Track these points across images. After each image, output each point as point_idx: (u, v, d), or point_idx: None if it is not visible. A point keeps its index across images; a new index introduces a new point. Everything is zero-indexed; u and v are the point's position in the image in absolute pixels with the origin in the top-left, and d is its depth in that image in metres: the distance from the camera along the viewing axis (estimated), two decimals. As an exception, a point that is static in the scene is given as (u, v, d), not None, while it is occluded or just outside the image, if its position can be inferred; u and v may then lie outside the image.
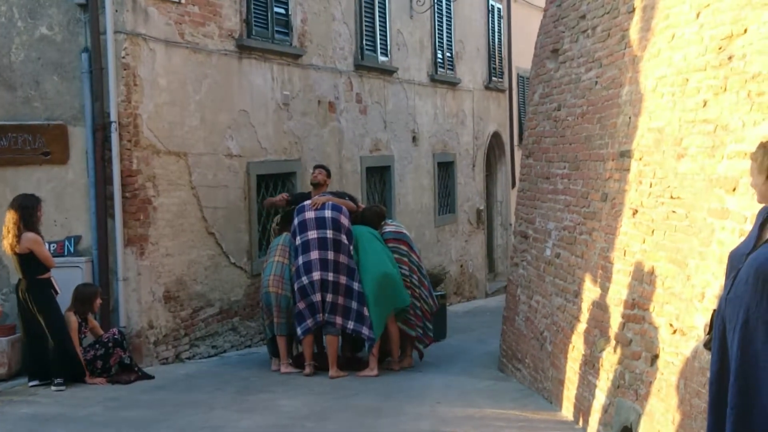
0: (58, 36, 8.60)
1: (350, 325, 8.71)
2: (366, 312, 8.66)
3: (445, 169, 16.42)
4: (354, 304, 8.67)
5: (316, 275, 8.57)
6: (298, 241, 8.71)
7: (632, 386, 5.48)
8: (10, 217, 7.66)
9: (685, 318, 4.81)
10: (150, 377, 8.23)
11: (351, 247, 8.74)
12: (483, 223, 18.27)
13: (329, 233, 8.65)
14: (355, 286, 8.67)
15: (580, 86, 7.48)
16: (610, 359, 5.94)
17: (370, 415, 7.09)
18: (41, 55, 8.62)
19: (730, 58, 4.67)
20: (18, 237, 7.61)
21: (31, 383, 7.87)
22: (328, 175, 9.57)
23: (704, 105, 4.91)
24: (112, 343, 8.11)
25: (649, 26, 6.00)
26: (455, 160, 16.75)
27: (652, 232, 5.47)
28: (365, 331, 8.68)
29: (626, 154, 6.15)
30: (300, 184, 11.08)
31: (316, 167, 9.69)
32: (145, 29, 8.72)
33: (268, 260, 9.03)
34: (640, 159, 5.86)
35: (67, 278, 8.17)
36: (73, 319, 7.99)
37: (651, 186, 5.60)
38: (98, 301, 8.21)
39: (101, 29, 8.42)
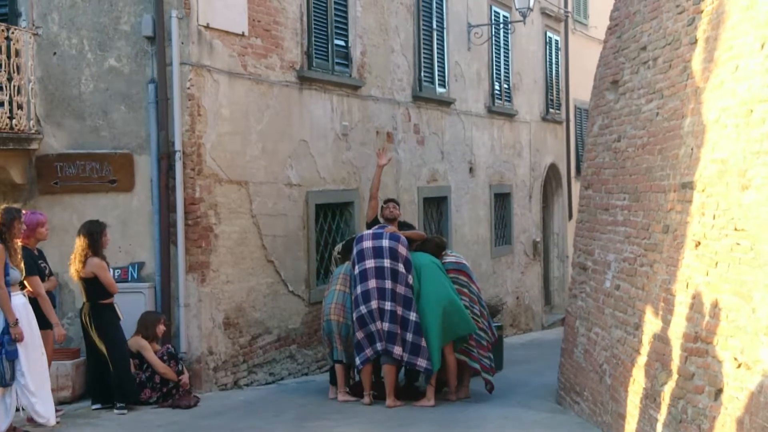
0: (125, 67, 8.85)
1: (404, 357, 8.69)
2: (423, 343, 8.63)
3: (502, 201, 16.39)
4: (409, 336, 8.64)
5: (374, 304, 8.60)
6: (356, 270, 8.76)
7: (695, 421, 5.40)
8: (79, 243, 7.84)
9: (750, 352, 4.74)
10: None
11: (409, 277, 8.74)
12: (539, 255, 18.16)
13: (387, 262, 8.68)
14: (412, 316, 8.65)
15: (641, 117, 7.44)
16: (672, 393, 5.86)
17: (427, 444, 7.09)
18: (109, 86, 8.88)
19: (796, 89, 4.63)
20: (84, 262, 7.79)
21: (94, 406, 8.03)
22: (399, 207, 9.63)
23: (769, 136, 4.87)
24: (167, 356, 8.27)
25: (712, 57, 5.97)
26: (512, 191, 16.72)
27: (716, 264, 5.41)
28: (420, 362, 8.65)
29: (688, 186, 6.09)
30: (357, 213, 11.16)
31: (388, 201, 9.57)
32: (209, 61, 8.93)
33: (330, 288, 9.10)
34: (703, 190, 5.81)
35: (131, 303, 8.35)
36: (143, 343, 8.18)
37: (714, 218, 5.54)
38: (160, 327, 8.36)
39: (167, 61, 8.66)
